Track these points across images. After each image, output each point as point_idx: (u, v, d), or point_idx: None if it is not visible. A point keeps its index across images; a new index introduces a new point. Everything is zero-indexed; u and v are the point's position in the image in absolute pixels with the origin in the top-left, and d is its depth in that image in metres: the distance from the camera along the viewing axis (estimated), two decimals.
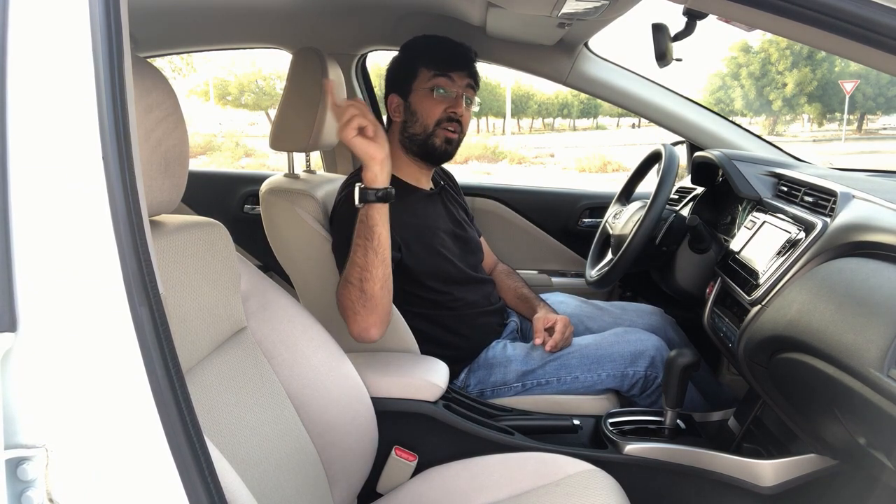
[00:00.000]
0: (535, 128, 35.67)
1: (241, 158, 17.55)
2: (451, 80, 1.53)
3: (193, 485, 0.60)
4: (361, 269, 1.28)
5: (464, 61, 1.56)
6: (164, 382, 0.59)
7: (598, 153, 17.40)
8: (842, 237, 1.05)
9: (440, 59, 1.54)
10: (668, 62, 1.48)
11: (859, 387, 0.85)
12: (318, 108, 1.55)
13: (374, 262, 1.28)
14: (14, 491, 0.58)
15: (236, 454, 0.90)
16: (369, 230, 1.28)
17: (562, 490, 1.13)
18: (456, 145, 1.57)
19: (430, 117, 1.53)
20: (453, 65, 1.54)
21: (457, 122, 1.54)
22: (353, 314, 1.31)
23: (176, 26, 2.14)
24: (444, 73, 1.53)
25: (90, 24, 0.58)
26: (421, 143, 1.54)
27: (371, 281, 1.29)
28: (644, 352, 1.50)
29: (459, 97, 1.55)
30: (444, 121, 1.53)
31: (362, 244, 1.28)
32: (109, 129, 0.59)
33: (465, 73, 1.55)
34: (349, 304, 1.31)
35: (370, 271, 1.28)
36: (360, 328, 1.32)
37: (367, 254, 1.28)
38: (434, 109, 1.53)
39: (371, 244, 1.28)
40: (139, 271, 0.59)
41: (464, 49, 1.59)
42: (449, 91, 1.54)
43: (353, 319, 1.32)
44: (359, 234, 1.29)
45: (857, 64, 1.14)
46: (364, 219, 1.28)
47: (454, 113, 1.53)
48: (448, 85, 1.53)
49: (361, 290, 1.29)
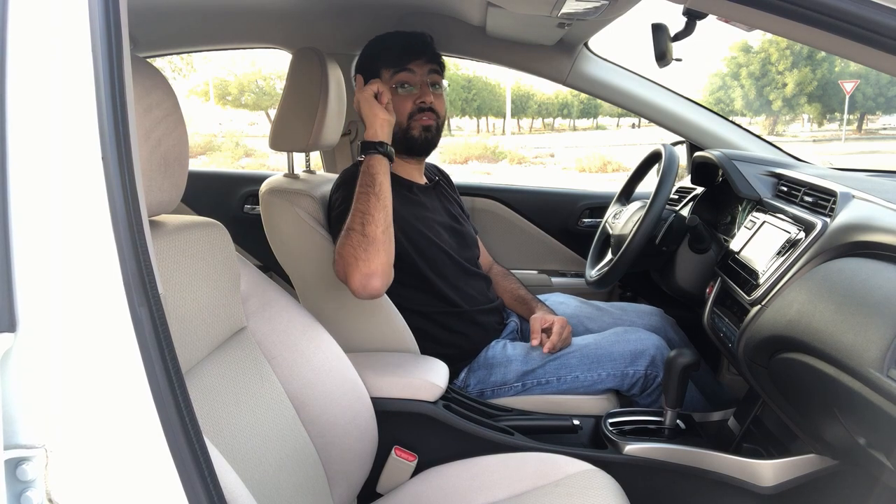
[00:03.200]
0: (535, 128, 35.67)
1: (241, 158, 17.55)
2: (411, 72, 1.55)
3: (193, 485, 0.60)
4: (363, 213, 1.31)
5: (419, 49, 1.57)
6: (163, 383, 0.59)
7: (598, 153, 17.38)
8: (842, 237, 1.05)
9: (396, 55, 1.56)
10: (668, 62, 1.48)
11: (859, 387, 0.85)
12: (317, 108, 1.55)
13: (375, 206, 1.32)
14: (14, 491, 0.58)
15: (236, 454, 0.90)
16: (371, 178, 1.34)
17: (562, 490, 1.13)
18: (436, 132, 1.60)
19: (402, 114, 1.55)
20: (410, 56, 1.55)
21: (428, 110, 1.56)
22: (355, 261, 1.28)
23: (176, 26, 2.13)
24: (403, 67, 1.55)
25: (90, 24, 0.58)
26: (401, 139, 1.56)
27: (373, 224, 1.30)
28: (644, 351, 1.50)
29: (424, 85, 1.56)
30: (416, 112, 1.55)
31: (364, 191, 1.33)
32: (109, 129, 0.58)
33: (423, 61, 1.56)
34: (350, 251, 1.29)
35: (372, 214, 1.31)
36: (363, 277, 1.28)
37: (370, 199, 1.32)
38: (403, 106, 1.55)
39: (373, 190, 1.33)
40: (139, 271, 0.59)
41: (417, 37, 1.60)
42: (413, 83, 1.56)
43: (356, 268, 1.28)
44: (361, 184, 1.34)
45: (857, 64, 1.14)
46: (366, 169, 1.35)
47: (423, 103, 1.55)
48: (409, 78, 1.55)
49: (363, 235, 1.29)
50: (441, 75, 1.62)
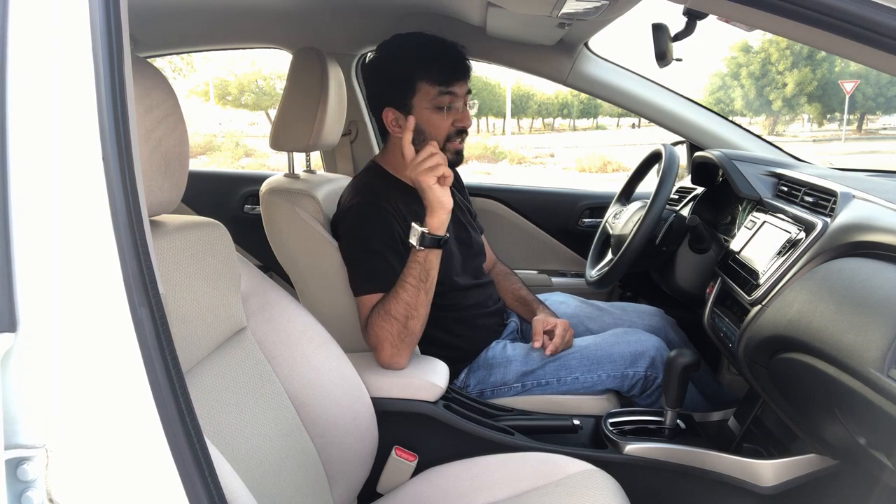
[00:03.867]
0: (535, 128, 35.67)
1: (241, 158, 17.55)
2: (454, 95, 1.44)
3: (193, 485, 0.60)
4: (409, 307, 1.32)
5: (464, 69, 1.46)
6: (164, 382, 0.59)
7: (598, 153, 17.39)
8: (842, 237, 1.05)
9: (444, 74, 1.43)
10: (668, 62, 1.48)
11: (859, 387, 0.85)
12: (318, 108, 1.55)
13: (423, 303, 1.33)
14: (14, 491, 0.58)
15: (236, 454, 0.90)
16: (425, 273, 1.32)
17: (562, 490, 1.13)
18: (462, 153, 1.52)
19: (440, 134, 1.44)
20: (456, 76, 1.44)
21: (463, 131, 1.48)
22: (390, 346, 1.33)
23: (176, 26, 2.14)
24: (448, 89, 1.43)
25: (90, 24, 0.58)
26: None
27: (416, 318, 1.33)
28: (644, 352, 1.50)
29: (464, 108, 1.47)
30: (454, 135, 1.46)
31: (415, 284, 1.32)
32: (109, 129, 0.59)
33: (465, 81, 1.46)
34: (386, 336, 1.33)
35: (417, 310, 1.33)
36: (393, 358, 1.34)
37: (419, 294, 1.32)
38: (440, 125, 1.44)
39: (424, 286, 1.32)
40: (139, 271, 0.59)
41: (461, 54, 1.48)
42: (455, 105, 1.45)
43: (387, 350, 1.34)
44: (411, 275, 1.32)
45: (857, 64, 1.14)
46: (422, 261, 1.32)
47: (463, 126, 1.47)
48: (453, 100, 1.44)
49: (405, 327, 1.33)
50: (471, 91, 1.51)
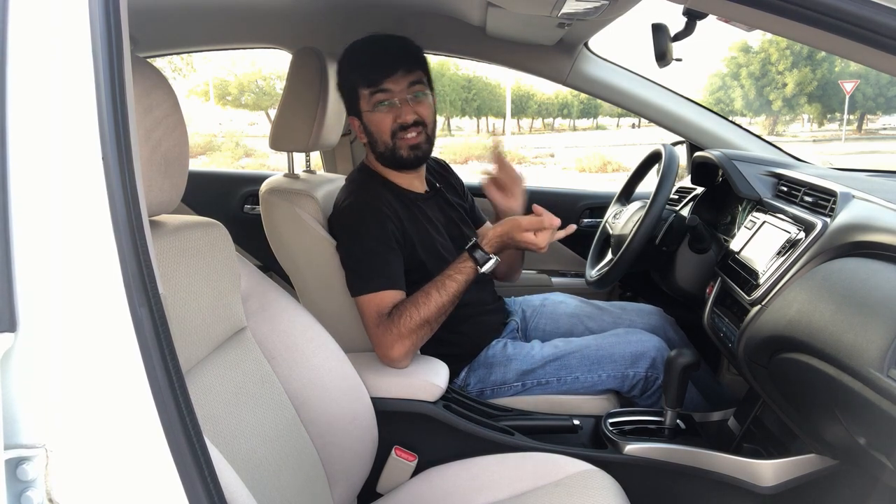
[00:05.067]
0: (535, 128, 35.67)
1: (241, 158, 17.55)
2: (387, 91, 1.43)
3: (193, 485, 0.60)
4: (443, 315, 1.38)
5: (392, 64, 1.44)
6: (163, 383, 0.59)
7: (598, 153, 17.38)
8: (842, 237, 1.05)
9: (370, 74, 1.44)
10: (668, 62, 1.48)
11: (859, 387, 0.85)
12: (317, 109, 1.55)
13: (449, 310, 1.40)
14: (14, 491, 0.58)
15: (236, 454, 0.90)
16: (464, 285, 1.39)
17: (562, 490, 1.13)
18: (426, 144, 1.50)
19: (384, 133, 1.46)
20: (384, 73, 1.43)
21: (412, 126, 1.46)
22: (411, 345, 1.36)
23: (176, 26, 2.13)
24: (379, 87, 1.44)
25: (90, 24, 0.58)
26: (390, 158, 1.49)
27: (438, 323, 1.39)
28: (645, 353, 1.50)
29: (403, 102, 1.44)
30: (399, 131, 1.46)
31: (456, 299, 1.39)
32: (109, 129, 0.58)
33: (399, 75, 1.43)
34: (415, 338, 1.36)
35: (445, 315, 1.39)
36: (406, 358, 1.37)
37: (455, 304, 1.39)
38: (383, 125, 1.45)
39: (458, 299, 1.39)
40: (139, 271, 0.59)
41: (391, 48, 1.47)
42: (391, 102, 1.44)
43: (406, 348, 1.36)
44: (458, 289, 1.37)
45: (857, 64, 1.14)
46: (471, 276, 1.38)
47: (404, 122, 1.45)
48: (387, 97, 1.44)
49: (432, 330, 1.39)
50: (425, 83, 1.49)
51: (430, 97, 1.51)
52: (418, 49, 1.51)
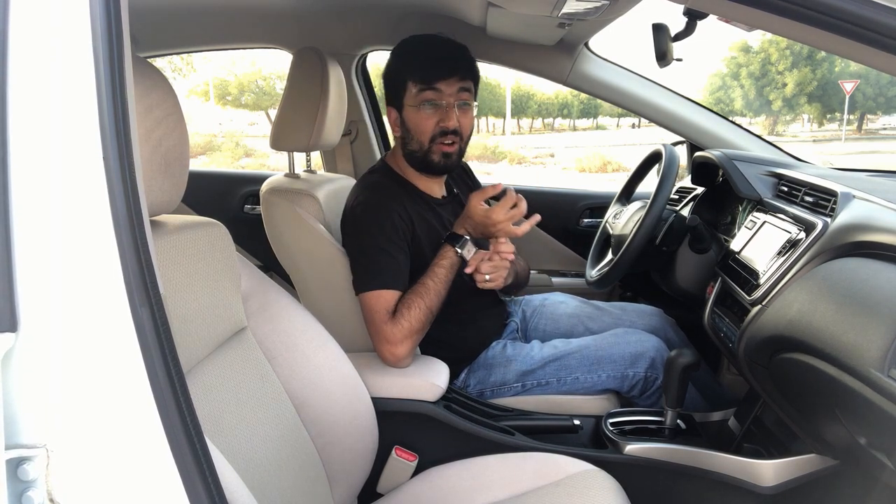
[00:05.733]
0: (535, 128, 35.67)
1: (241, 158, 17.55)
2: (438, 91, 1.42)
3: (194, 485, 0.60)
4: (440, 303, 1.40)
5: (450, 67, 1.43)
6: (164, 383, 0.59)
7: (598, 153, 17.39)
8: (842, 237, 1.05)
9: (424, 71, 1.42)
10: (668, 62, 1.48)
11: (860, 387, 0.85)
12: (318, 108, 1.55)
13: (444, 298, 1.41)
14: (14, 491, 0.58)
15: (237, 454, 0.90)
16: (452, 272, 1.42)
17: (562, 490, 1.13)
18: (457, 155, 1.50)
19: (424, 134, 1.44)
20: (439, 74, 1.42)
21: (451, 133, 1.45)
22: (413, 343, 1.37)
23: (176, 26, 2.14)
24: (430, 86, 1.42)
25: (90, 24, 0.58)
26: (420, 160, 1.48)
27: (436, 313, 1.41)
28: (644, 353, 1.50)
29: (450, 107, 1.43)
30: (438, 136, 1.44)
31: (449, 285, 1.41)
32: (109, 129, 0.58)
33: (454, 79, 1.42)
34: (422, 332, 1.39)
35: (441, 304, 1.41)
36: (410, 356, 1.38)
37: (447, 290, 1.41)
38: (425, 125, 1.44)
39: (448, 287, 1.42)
40: (140, 271, 0.59)
41: (451, 52, 1.47)
42: (438, 103, 1.43)
43: (409, 346, 1.37)
44: (447, 276, 1.41)
45: (857, 64, 1.14)
46: (461, 260, 1.42)
47: (446, 127, 1.43)
48: (436, 97, 1.42)
49: (429, 324, 1.40)
50: (473, 92, 1.48)
51: (473, 110, 1.50)
52: (474, 61, 1.51)
